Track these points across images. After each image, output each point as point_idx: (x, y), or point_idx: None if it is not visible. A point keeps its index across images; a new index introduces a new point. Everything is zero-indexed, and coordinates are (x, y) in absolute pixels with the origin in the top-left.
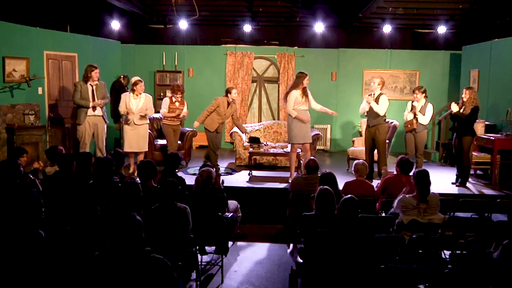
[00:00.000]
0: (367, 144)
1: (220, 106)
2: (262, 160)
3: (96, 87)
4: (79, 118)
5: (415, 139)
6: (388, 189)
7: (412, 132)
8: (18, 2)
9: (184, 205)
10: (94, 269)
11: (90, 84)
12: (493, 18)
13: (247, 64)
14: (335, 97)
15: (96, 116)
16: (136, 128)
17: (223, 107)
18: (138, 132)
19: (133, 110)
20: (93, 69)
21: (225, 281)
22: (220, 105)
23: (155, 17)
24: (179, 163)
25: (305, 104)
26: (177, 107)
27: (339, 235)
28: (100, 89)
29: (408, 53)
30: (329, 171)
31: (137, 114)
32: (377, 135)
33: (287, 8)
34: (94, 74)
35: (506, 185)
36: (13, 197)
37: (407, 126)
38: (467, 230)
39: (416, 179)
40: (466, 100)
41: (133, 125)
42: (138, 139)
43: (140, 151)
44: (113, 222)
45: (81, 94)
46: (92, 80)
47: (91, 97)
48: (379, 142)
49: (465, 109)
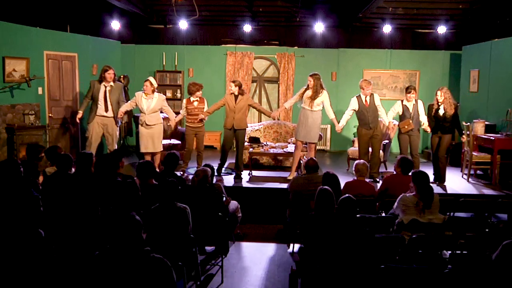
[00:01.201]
0: (365, 147)
1: (228, 102)
2: (262, 160)
3: (111, 89)
4: (89, 116)
5: (410, 140)
6: (389, 190)
7: (408, 133)
8: (18, 2)
9: (184, 205)
10: (94, 269)
11: (104, 85)
12: (493, 18)
13: (247, 64)
14: (335, 97)
15: (107, 117)
16: (150, 129)
17: (231, 102)
18: (152, 133)
19: (144, 110)
20: (107, 70)
21: (225, 281)
22: (228, 101)
23: (155, 17)
24: (177, 163)
25: (307, 104)
26: (196, 107)
27: (339, 235)
28: (114, 91)
29: (408, 53)
30: (332, 172)
31: (197, 116)
32: (378, 133)
33: (287, 8)
34: (107, 75)
35: (506, 185)
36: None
37: (403, 127)
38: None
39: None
40: (442, 101)
41: (147, 126)
42: (153, 139)
43: (156, 152)
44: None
45: (92, 94)
46: (106, 81)
47: (103, 98)
48: (378, 143)
49: (445, 110)
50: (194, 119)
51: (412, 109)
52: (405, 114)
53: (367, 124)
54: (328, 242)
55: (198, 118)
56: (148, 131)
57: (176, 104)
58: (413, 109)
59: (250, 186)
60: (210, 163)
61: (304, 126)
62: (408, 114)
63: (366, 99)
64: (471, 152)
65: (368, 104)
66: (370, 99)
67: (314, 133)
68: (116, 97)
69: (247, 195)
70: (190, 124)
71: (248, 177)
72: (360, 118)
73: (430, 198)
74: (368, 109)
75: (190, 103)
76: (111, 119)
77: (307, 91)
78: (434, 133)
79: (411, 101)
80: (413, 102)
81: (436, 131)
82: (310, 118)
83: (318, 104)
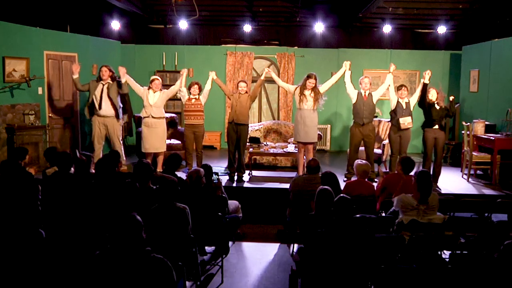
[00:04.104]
0: (357, 143)
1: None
2: (262, 160)
3: (108, 87)
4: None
5: (400, 139)
6: (388, 189)
7: (398, 132)
8: (18, 2)
9: (183, 205)
10: (94, 268)
11: (102, 83)
12: (493, 18)
13: (247, 64)
14: (335, 97)
15: (105, 117)
16: (153, 129)
17: (235, 99)
18: (155, 133)
19: (150, 103)
20: (102, 67)
21: (225, 281)
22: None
23: (155, 17)
24: (180, 164)
25: (304, 103)
26: (193, 103)
27: (338, 235)
28: (112, 87)
29: (408, 53)
30: (330, 172)
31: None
32: (370, 135)
33: (287, 8)
34: (101, 73)
35: (506, 185)
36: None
37: (403, 123)
38: (467, 230)
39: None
40: (435, 99)
41: (150, 126)
42: (155, 139)
43: (158, 152)
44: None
45: (89, 89)
46: (103, 80)
47: (99, 95)
48: (372, 142)
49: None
50: (191, 116)
51: (406, 107)
52: (398, 111)
53: (361, 118)
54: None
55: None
56: (151, 131)
57: (176, 104)
58: (406, 107)
59: (250, 186)
60: (210, 163)
61: (303, 127)
62: (402, 111)
63: (365, 94)
64: (471, 152)
65: (366, 98)
66: (369, 95)
67: (314, 133)
68: (115, 94)
69: (247, 195)
70: (188, 121)
71: (248, 177)
72: (355, 112)
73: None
74: (365, 103)
75: (189, 99)
76: (111, 118)
77: (307, 92)
78: (429, 127)
79: (404, 98)
80: (405, 100)
81: (432, 125)
82: (308, 118)
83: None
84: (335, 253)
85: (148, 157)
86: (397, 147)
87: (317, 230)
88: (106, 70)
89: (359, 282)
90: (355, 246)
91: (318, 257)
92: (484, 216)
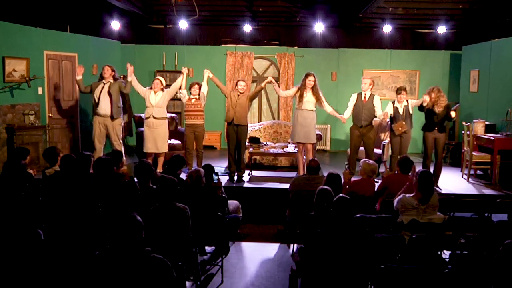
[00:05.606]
0: (356, 144)
1: (231, 97)
2: (262, 160)
3: (109, 86)
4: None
5: (401, 141)
6: (388, 189)
7: (400, 134)
8: (18, 2)
9: (183, 205)
10: (94, 269)
11: (103, 82)
12: (493, 18)
13: (247, 64)
14: (335, 97)
15: (105, 117)
16: (155, 129)
17: (233, 97)
18: (157, 133)
19: (152, 103)
20: (104, 66)
21: (225, 281)
22: (231, 96)
23: (155, 17)
24: (183, 166)
25: (303, 104)
26: (193, 103)
27: (338, 235)
28: (114, 86)
29: (408, 53)
30: (336, 173)
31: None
32: (369, 136)
33: (287, 8)
34: (103, 72)
35: (506, 185)
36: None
37: (397, 129)
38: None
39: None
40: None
41: (151, 126)
42: (156, 140)
43: (160, 152)
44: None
45: (91, 89)
46: (105, 79)
47: (98, 94)
48: (372, 143)
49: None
50: (192, 116)
51: (403, 111)
52: (396, 116)
53: (359, 120)
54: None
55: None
56: (153, 131)
57: (176, 104)
58: (404, 111)
59: (250, 186)
60: (210, 163)
61: (303, 127)
62: (399, 116)
63: (365, 96)
64: (471, 152)
65: (366, 101)
66: (369, 98)
67: (313, 133)
68: (116, 94)
69: (247, 195)
70: (188, 121)
71: (248, 177)
72: (354, 114)
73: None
74: (364, 106)
75: (189, 99)
76: (109, 118)
77: (308, 92)
78: (429, 131)
79: (402, 102)
80: (404, 104)
81: (432, 128)
82: (308, 118)
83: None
84: (335, 253)
85: (149, 157)
86: (398, 147)
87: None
88: (108, 69)
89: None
90: (355, 246)
91: (318, 257)
92: (484, 216)
